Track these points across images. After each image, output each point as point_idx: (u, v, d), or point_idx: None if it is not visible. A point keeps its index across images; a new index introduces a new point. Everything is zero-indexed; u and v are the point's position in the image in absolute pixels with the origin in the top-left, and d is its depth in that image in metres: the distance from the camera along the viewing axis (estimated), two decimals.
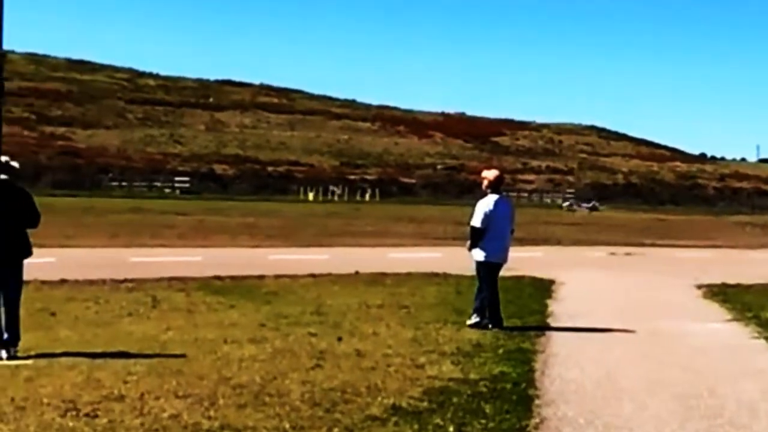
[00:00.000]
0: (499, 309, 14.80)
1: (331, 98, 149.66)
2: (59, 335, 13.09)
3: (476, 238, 14.80)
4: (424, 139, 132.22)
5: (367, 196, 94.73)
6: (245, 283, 20.11)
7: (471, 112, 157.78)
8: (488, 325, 14.54)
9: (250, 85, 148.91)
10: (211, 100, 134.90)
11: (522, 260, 22.03)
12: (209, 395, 9.58)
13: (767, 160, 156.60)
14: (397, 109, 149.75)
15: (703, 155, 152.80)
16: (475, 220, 14.78)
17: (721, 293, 20.45)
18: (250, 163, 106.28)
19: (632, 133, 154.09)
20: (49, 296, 16.93)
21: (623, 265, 27.90)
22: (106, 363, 11.08)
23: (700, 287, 21.55)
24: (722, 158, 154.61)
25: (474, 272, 15.27)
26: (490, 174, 15.14)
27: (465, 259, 16.39)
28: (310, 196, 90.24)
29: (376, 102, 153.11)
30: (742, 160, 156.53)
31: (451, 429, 8.67)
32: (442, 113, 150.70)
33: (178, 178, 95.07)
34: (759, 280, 22.73)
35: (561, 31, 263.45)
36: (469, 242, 15.02)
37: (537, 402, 9.88)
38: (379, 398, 9.67)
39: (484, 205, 14.78)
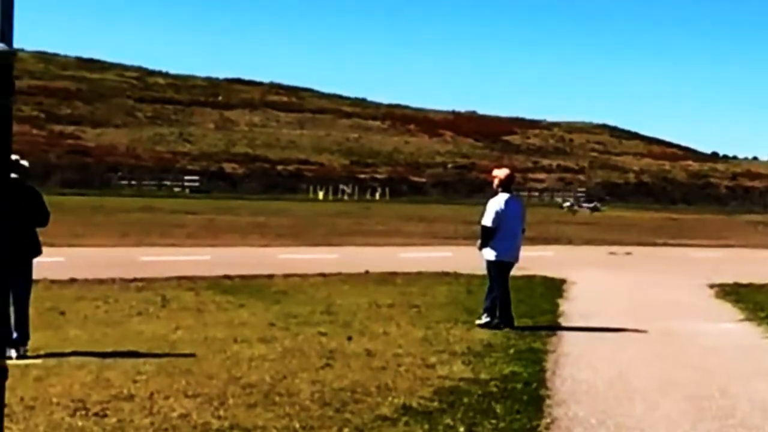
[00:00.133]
0: (510, 308, 14.75)
1: (341, 97, 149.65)
2: (68, 334, 13.07)
3: (487, 237, 14.75)
4: (435, 137, 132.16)
5: (377, 195, 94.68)
6: (255, 282, 20.07)
7: (482, 110, 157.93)
8: (499, 325, 14.49)
9: (259, 84, 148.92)
10: (221, 98, 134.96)
11: (533, 259, 21.98)
12: (219, 395, 9.55)
13: None
14: (408, 107, 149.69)
15: (715, 154, 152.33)
16: (486, 219, 14.73)
17: (734, 293, 20.39)
18: (260, 162, 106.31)
19: (644, 132, 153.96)
20: (59, 295, 16.90)
21: (635, 265, 27.82)
22: (116, 362, 11.06)
23: (712, 287, 21.49)
24: (734, 157, 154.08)
25: (485, 271, 15.23)
26: (501, 173, 15.10)
27: (476, 259, 16.35)
28: (320, 195, 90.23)
29: (386, 100, 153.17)
30: (755, 158, 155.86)
31: (462, 429, 8.62)
32: (453, 112, 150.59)
33: (187, 177, 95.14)
34: None
35: (572, 30, 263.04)
36: (479, 241, 14.98)
37: (548, 402, 9.83)
38: (390, 398, 9.63)
39: (495, 204, 14.73)
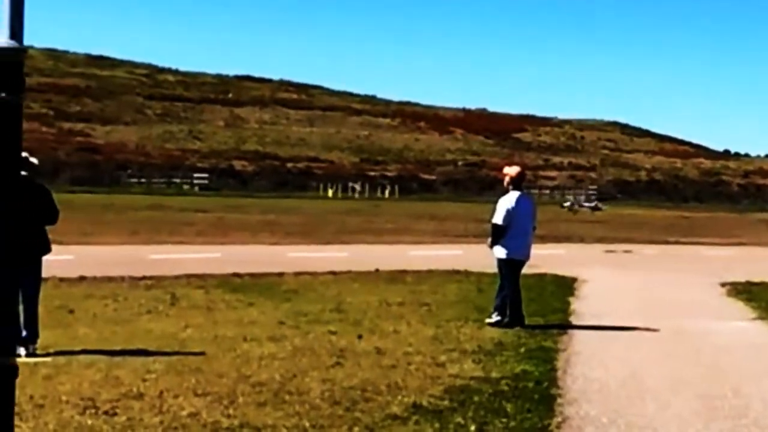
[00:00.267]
0: (521, 307, 14.70)
1: (351, 94, 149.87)
2: (78, 333, 13.05)
3: (498, 235, 14.70)
4: (445, 135, 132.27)
5: (387, 193, 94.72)
6: (265, 280, 20.04)
7: (492, 108, 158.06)
8: (509, 323, 14.43)
9: (269, 81, 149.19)
10: (231, 96, 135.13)
11: (544, 258, 21.93)
12: (228, 393, 9.52)
13: None
14: (418, 105, 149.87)
15: (727, 151, 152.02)
16: (497, 217, 14.68)
17: (746, 291, 20.33)
18: (270, 160, 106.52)
19: (655, 129, 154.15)
20: (68, 293, 16.89)
21: (646, 263, 27.77)
22: (125, 361, 11.04)
23: (724, 285, 21.43)
24: (746, 155, 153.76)
25: (495, 270, 15.18)
26: (511, 170, 15.06)
27: (486, 257, 16.31)
28: (330, 193, 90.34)
29: (396, 98, 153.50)
30: (767, 156, 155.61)
31: (473, 428, 8.58)
32: (463, 109, 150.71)
33: (197, 175, 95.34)
34: None
35: (583, 27, 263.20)
36: (490, 239, 14.93)
37: (559, 401, 9.79)
38: (400, 397, 9.59)
39: (506, 202, 14.69)
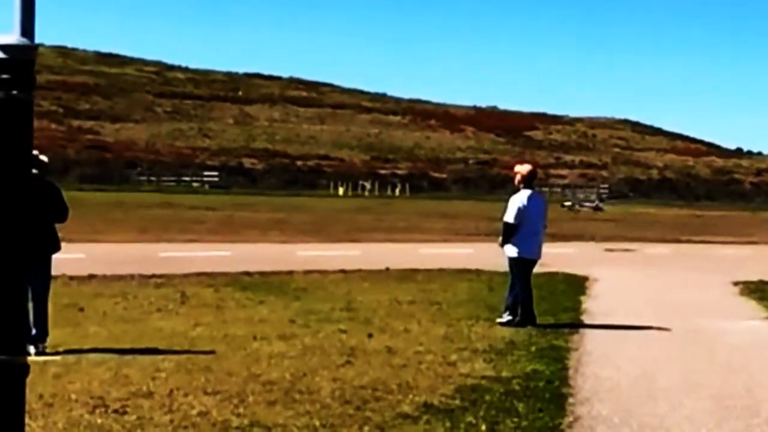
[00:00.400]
0: (532, 306, 14.65)
1: (361, 92, 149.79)
2: (88, 331, 13.04)
3: (509, 233, 14.64)
4: (456, 133, 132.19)
5: (398, 191, 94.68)
6: (275, 279, 20.02)
7: (503, 105, 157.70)
8: (520, 322, 14.38)
9: (279, 79, 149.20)
10: (240, 93, 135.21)
11: (555, 256, 21.89)
12: (238, 392, 9.50)
13: None
14: (428, 102, 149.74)
15: (739, 150, 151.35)
16: (509, 216, 14.63)
17: (759, 290, 20.29)
18: (280, 158, 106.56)
19: (667, 127, 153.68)
20: (78, 292, 16.90)
21: (658, 262, 27.72)
22: (135, 359, 11.02)
23: (736, 284, 21.39)
24: (759, 153, 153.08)
25: (506, 268, 15.14)
26: (523, 169, 15.02)
27: (497, 255, 16.26)
28: (340, 191, 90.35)
29: (406, 95, 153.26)
30: None
31: (484, 427, 8.54)
32: (474, 107, 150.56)
33: (206, 173, 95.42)
34: None
35: (594, 24, 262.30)
36: (501, 238, 14.88)
37: (571, 400, 9.75)
38: (411, 396, 9.56)
39: (518, 201, 14.64)
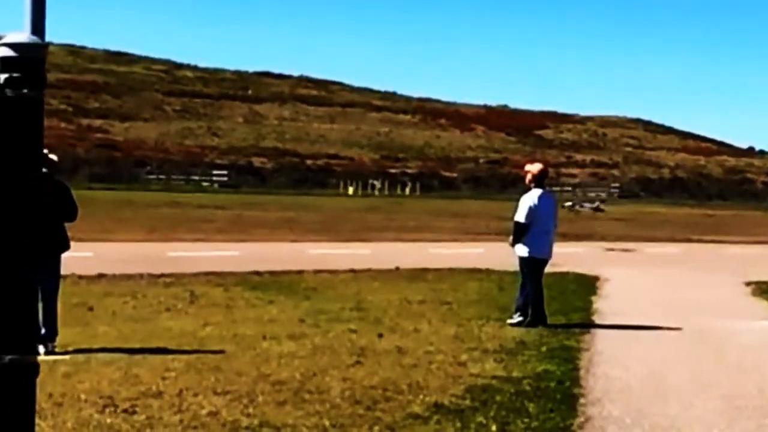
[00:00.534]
0: (543, 306, 14.60)
1: (371, 90, 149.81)
2: (97, 331, 13.04)
3: (520, 233, 14.60)
4: (466, 132, 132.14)
5: (408, 190, 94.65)
6: (284, 278, 20.02)
7: (514, 104, 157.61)
8: (531, 322, 14.33)
9: (289, 77, 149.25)
10: (250, 92, 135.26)
11: (565, 256, 21.84)
12: (248, 392, 9.47)
13: None
14: (439, 101, 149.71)
15: (751, 149, 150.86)
16: (519, 215, 14.58)
17: None
18: (289, 157, 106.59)
19: (679, 126, 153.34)
20: (87, 291, 16.90)
21: (669, 262, 27.65)
22: (144, 359, 11.01)
23: (748, 284, 21.36)
24: None
25: (517, 268, 15.08)
26: (533, 168, 14.97)
27: (508, 255, 16.23)
28: (350, 190, 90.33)
29: (417, 94, 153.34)
30: None
31: (494, 428, 8.51)
32: (485, 106, 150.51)
33: (216, 172, 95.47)
34: None
35: (605, 23, 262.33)
36: (512, 237, 14.83)
37: (582, 401, 9.70)
38: (421, 396, 9.53)
39: (529, 200, 14.60)
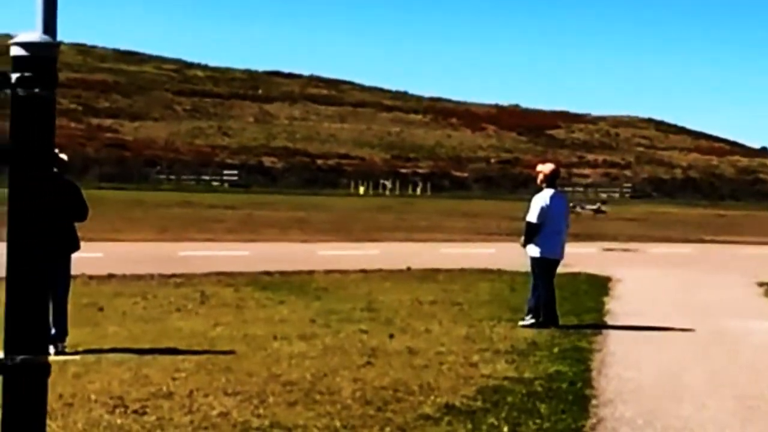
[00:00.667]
0: (554, 307, 14.56)
1: (382, 90, 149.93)
2: (107, 331, 13.02)
3: (531, 233, 14.55)
4: (477, 131, 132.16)
5: (419, 190, 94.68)
6: (295, 278, 20.00)
7: (525, 104, 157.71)
8: (543, 323, 14.27)
9: (299, 77, 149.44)
10: (260, 91, 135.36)
11: (577, 256, 21.79)
12: (259, 393, 9.46)
13: None
14: (450, 101, 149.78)
15: (764, 149, 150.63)
16: (531, 215, 14.54)
17: None
18: (300, 156, 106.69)
19: (691, 126, 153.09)
20: (97, 291, 16.90)
21: (682, 262, 27.58)
22: (155, 359, 11.00)
23: (761, 284, 21.32)
24: None
25: (528, 269, 15.03)
26: (545, 168, 14.93)
27: (519, 255, 16.20)
28: (361, 190, 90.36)
29: (428, 94, 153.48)
30: None
31: (506, 429, 8.49)
32: (496, 105, 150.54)
33: (226, 171, 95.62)
34: None
35: (617, 23, 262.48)
36: (523, 238, 14.78)
37: (594, 402, 9.68)
38: (432, 397, 9.51)
39: (540, 200, 14.56)
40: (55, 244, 11.12)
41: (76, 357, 11.09)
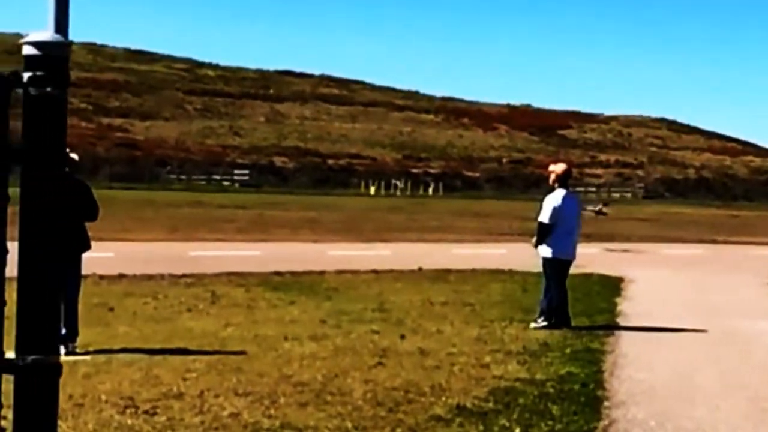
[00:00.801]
0: (566, 307, 14.52)
1: (393, 89, 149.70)
2: (118, 331, 13.01)
3: (544, 234, 14.51)
4: (489, 131, 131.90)
5: (430, 190, 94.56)
6: (306, 278, 19.98)
7: (537, 104, 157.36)
8: (555, 324, 14.23)
9: (310, 76, 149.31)
10: (271, 91, 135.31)
11: (589, 257, 21.73)
12: (270, 393, 9.44)
13: None
14: (462, 100, 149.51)
15: None
16: (543, 216, 14.50)
17: None
18: (311, 156, 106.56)
19: (704, 126, 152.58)
20: (108, 291, 16.89)
21: (694, 263, 27.49)
22: (165, 360, 10.98)
23: None
24: None
25: (540, 269, 14.98)
26: (557, 168, 14.89)
27: (531, 256, 16.17)
28: (372, 190, 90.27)
29: (439, 93, 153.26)
30: None
31: (517, 430, 8.49)
32: (508, 105, 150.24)
33: (237, 171, 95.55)
34: None
35: (629, 22, 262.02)
36: (535, 238, 14.74)
37: (606, 403, 9.65)
38: (443, 398, 9.49)
39: (553, 200, 14.52)
40: (65, 243, 11.15)
41: (87, 357, 11.08)
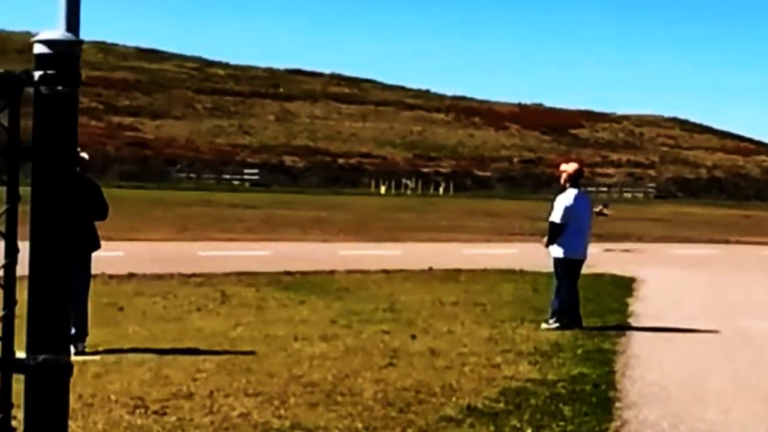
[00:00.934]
0: (578, 308, 14.48)
1: (404, 88, 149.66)
2: (127, 331, 13.00)
3: (555, 233, 14.48)
4: (500, 130, 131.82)
5: (441, 190, 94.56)
6: (316, 278, 19.97)
7: (549, 103, 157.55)
8: (566, 325, 14.19)
9: (320, 75, 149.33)
10: (281, 90, 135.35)
11: (601, 257, 21.69)
12: (280, 393, 9.43)
13: None
14: (473, 99, 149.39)
15: None
16: (555, 216, 14.47)
17: None
18: (321, 155, 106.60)
19: (716, 126, 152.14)
20: (117, 291, 16.89)
21: (706, 263, 27.42)
22: (175, 359, 10.98)
23: None
24: None
25: (552, 269, 14.94)
26: (569, 167, 14.86)
27: (542, 256, 16.14)
28: (382, 190, 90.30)
29: (450, 92, 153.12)
30: None
31: (529, 431, 8.44)
32: (519, 104, 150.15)
33: (247, 170, 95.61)
34: None
35: (641, 21, 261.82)
36: (546, 238, 14.71)
37: (618, 404, 9.63)
38: (454, 398, 9.48)
39: (564, 200, 14.50)
40: (75, 243, 11.11)
41: (96, 357, 11.09)
